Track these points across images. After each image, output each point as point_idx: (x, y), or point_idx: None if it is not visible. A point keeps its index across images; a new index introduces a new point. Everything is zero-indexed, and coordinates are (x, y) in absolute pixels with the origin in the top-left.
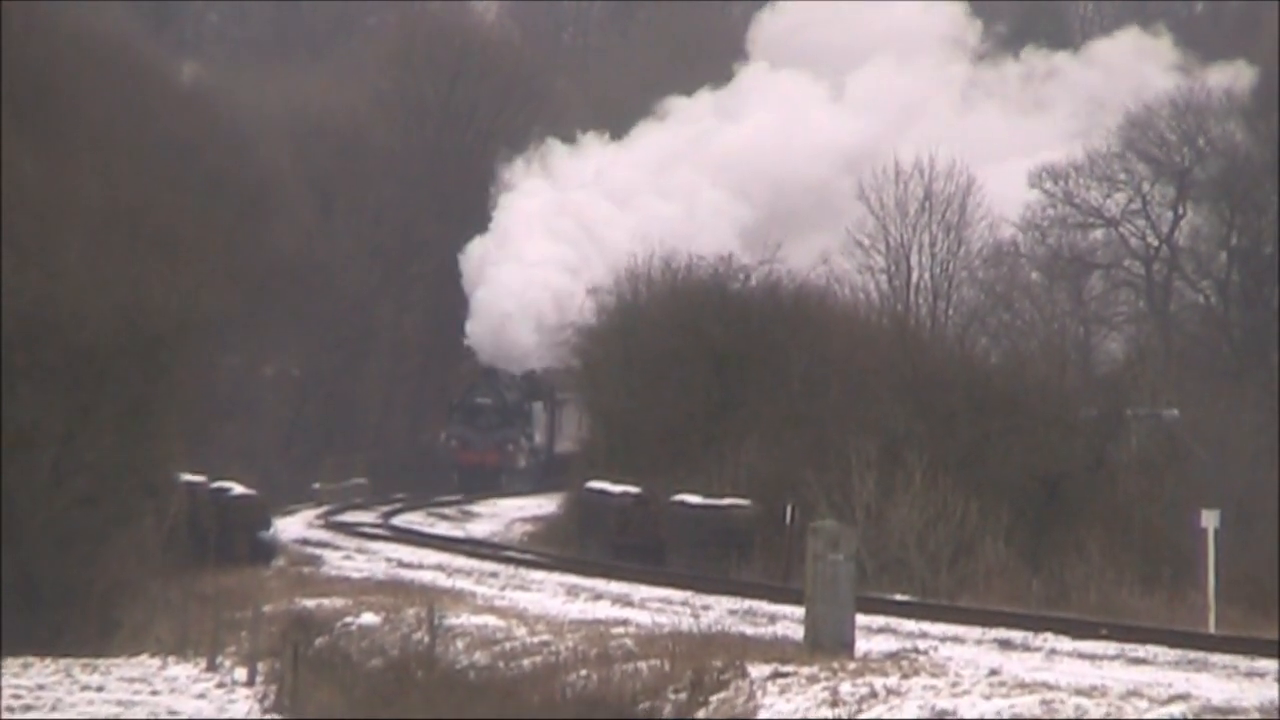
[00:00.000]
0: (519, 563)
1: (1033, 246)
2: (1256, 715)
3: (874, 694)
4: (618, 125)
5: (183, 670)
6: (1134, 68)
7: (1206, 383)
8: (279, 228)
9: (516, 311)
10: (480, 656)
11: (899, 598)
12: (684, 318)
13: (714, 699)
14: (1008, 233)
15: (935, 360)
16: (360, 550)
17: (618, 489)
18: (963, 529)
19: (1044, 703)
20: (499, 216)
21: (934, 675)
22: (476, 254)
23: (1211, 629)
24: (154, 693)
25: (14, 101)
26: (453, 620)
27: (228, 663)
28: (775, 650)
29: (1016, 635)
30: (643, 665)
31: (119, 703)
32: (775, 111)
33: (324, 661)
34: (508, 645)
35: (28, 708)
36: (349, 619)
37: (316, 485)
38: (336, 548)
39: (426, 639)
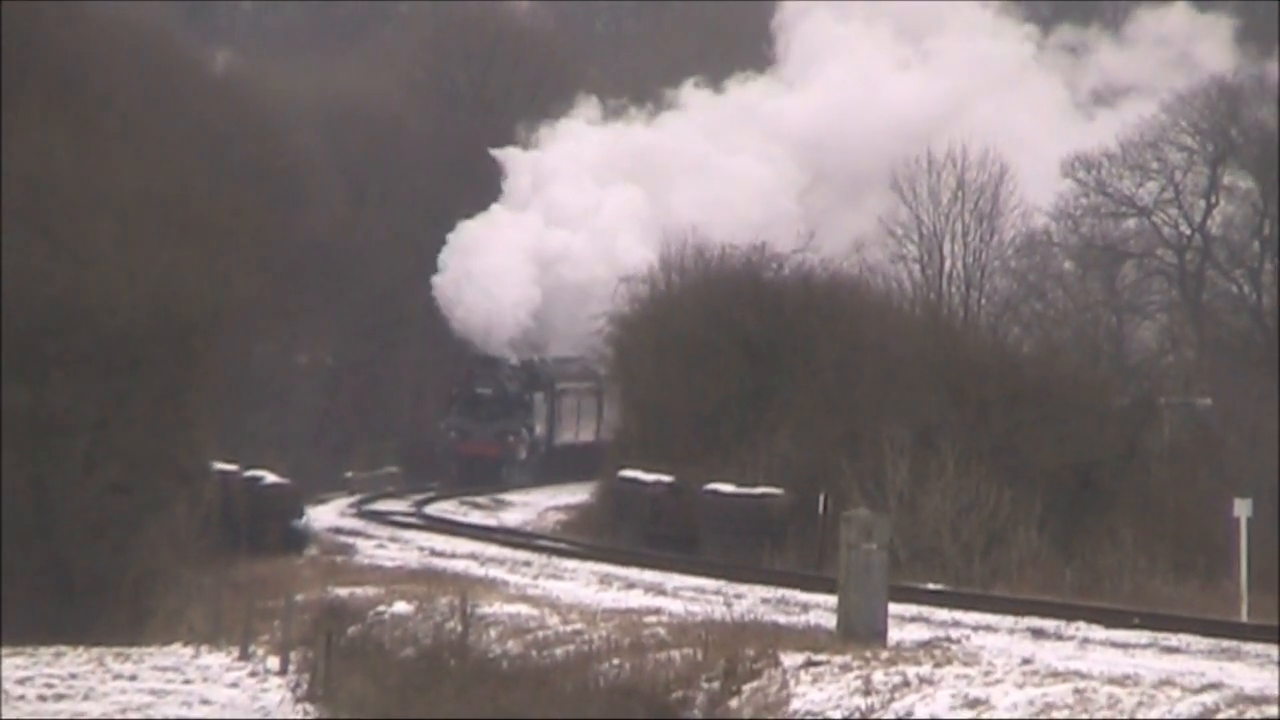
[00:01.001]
0: (552, 551)
1: (1065, 235)
2: None
3: (907, 683)
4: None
5: (215, 659)
6: (1183, 46)
7: (1239, 371)
8: (312, 215)
9: (508, 294)
10: (513, 645)
11: (932, 587)
12: (717, 306)
13: (747, 688)
14: (1040, 222)
15: (968, 349)
16: (393, 539)
17: (651, 478)
18: (995, 518)
19: (1077, 692)
20: (533, 161)
21: (967, 664)
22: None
23: (1244, 618)
24: (187, 681)
25: (48, 90)
26: (485, 609)
27: (260, 651)
28: (808, 639)
29: (1049, 624)
30: (676, 654)
31: (152, 691)
32: (842, 74)
33: (357, 650)
34: (540, 634)
35: (60, 696)
36: (382, 608)
37: (349, 474)
38: (369, 536)
39: (459, 628)
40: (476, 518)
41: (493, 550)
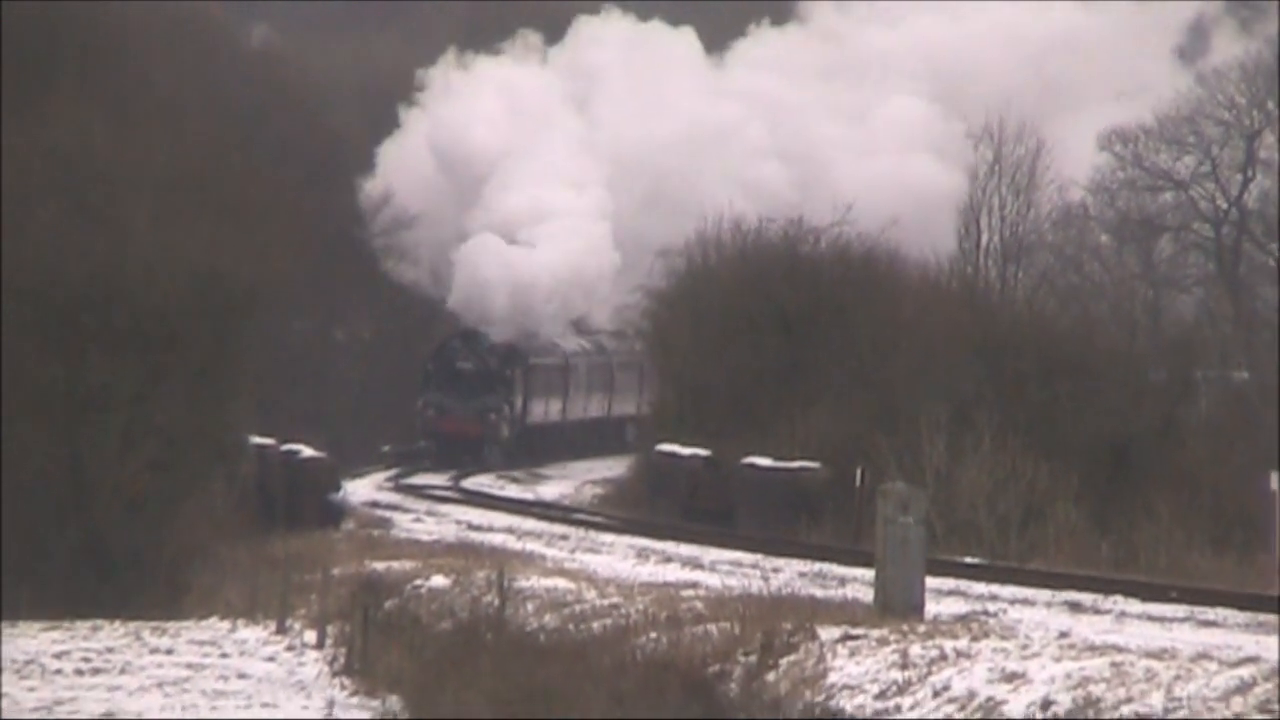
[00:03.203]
0: (589, 525)
1: (1102, 209)
2: None
3: (944, 656)
4: None
5: (252, 633)
6: None
7: (1276, 345)
8: (348, 191)
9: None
10: (550, 619)
11: (969, 560)
12: (753, 281)
13: (784, 661)
14: (1077, 195)
15: (1005, 323)
16: (429, 513)
17: (688, 452)
18: (1032, 492)
19: (1114, 665)
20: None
21: (1004, 638)
22: None
23: None
24: (223, 655)
25: (85, 67)
26: (522, 583)
27: (297, 625)
28: (845, 613)
29: (1086, 598)
30: (713, 628)
31: (188, 665)
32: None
33: (393, 624)
34: (577, 608)
35: (97, 670)
36: (418, 582)
37: (386, 448)
38: (406, 510)
39: (496, 602)
40: (513, 491)
41: (530, 524)
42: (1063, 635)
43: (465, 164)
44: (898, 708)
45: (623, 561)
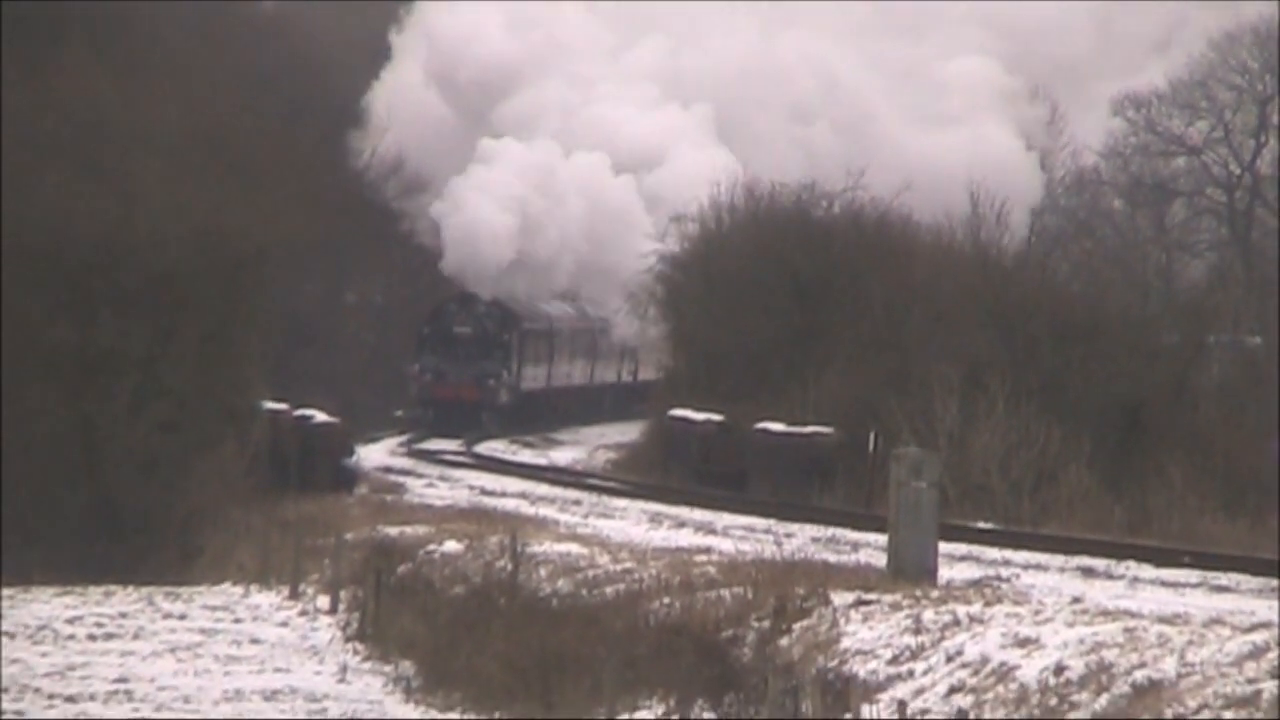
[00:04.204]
0: (602, 490)
1: (1115, 174)
2: None
3: (957, 621)
4: None
5: (265, 598)
6: None
7: None
8: (353, 153)
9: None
10: (563, 584)
11: (982, 525)
12: (766, 245)
13: (797, 626)
14: (1090, 160)
15: (1017, 287)
16: (443, 478)
17: (701, 416)
18: (1045, 456)
19: (1127, 630)
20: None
21: (1017, 603)
22: None
23: None
24: (236, 620)
25: (95, 28)
26: (535, 548)
27: (310, 590)
28: (858, 578)
29: (1099, 563)
30: (726, 593)
31: (201, 630)
32: None
33: (406, 589)
34: (590, 573)
35: (110, 635)
36: (431, 547)
37: (399, 412)
38: (419, 475)
39: (509, 567)
40: (526, 456)
41: (543, 489)
42: (1076, 600)
43: (478, 87)
44: (911, 673)
45: (636, 526)
